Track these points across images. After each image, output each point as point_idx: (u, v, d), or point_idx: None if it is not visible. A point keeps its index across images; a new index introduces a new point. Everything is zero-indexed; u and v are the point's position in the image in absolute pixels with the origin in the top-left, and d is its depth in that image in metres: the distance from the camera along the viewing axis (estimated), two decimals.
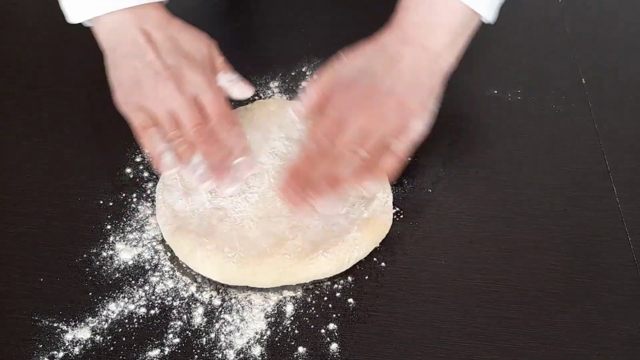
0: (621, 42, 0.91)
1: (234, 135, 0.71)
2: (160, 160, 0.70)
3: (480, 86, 0.84)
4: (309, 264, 0.65)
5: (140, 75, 0.71)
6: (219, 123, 0.71)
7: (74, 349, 0.61)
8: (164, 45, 0.73)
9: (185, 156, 0.69)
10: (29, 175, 0.75)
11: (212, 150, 0.70)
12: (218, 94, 0.72)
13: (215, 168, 0.70)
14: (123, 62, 0.73)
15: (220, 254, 0.66)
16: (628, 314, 0.64)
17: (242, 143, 0.72)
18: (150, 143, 0.70)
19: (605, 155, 0.76)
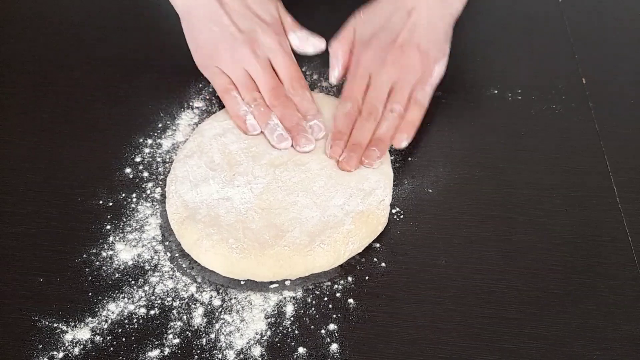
0: (621, 42, 0.91)
1: (306, 99, 0.75)
2: (245, 122, 0.74)
3: (480, 86, 0.84)
4: (306, 255, 0.66)
5: (217, 39, 0.76)
6: (292, 86, 0.75)
7: (74, 350, 0.61)
8: (236, 8, 0.77)
9: (263, 118, 0.74)
10: (29, 175, 0.75)
11: (288, 113, 0.74)
12: (290, 56, 0.77)
13: (291, 129, 0.73)
14: (199, 25, 0.77)
15: (225, 244, 0.66)
16: (628, 314, 0.64)
17: (314, 107, 0.75)
18: (234, 105, 0.75)
19: (605, 155, 0.76)
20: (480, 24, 0.93)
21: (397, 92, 0.74)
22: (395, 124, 0.73)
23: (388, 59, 0.74)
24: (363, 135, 0.73)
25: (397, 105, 0.74)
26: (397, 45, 0.75)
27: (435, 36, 0.76)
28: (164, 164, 0.75)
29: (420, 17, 0.76)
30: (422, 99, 0.74)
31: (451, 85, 0.84)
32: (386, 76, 0.74)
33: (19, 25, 0.94)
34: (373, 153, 0.71)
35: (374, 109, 0.74)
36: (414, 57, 0.75)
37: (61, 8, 0.96)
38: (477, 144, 0.78)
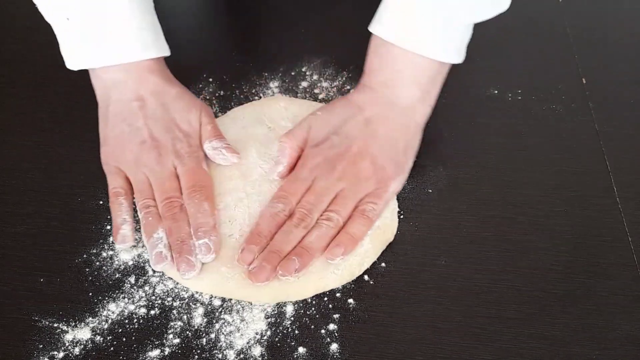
0: (621, 42, 0.91)
1: (201, 212, 0.67)
2: (118, 231, 0.68)
3: (481, 86, 0.84)
4: (317, 282, 0.65)
5: (126, 139, 0.71)
6: (190, 195, 0.68)
7: (74, 349, 0.61)
8: (155, 113, 0.72)
9: (149, 230, 0.67)
10: (29, 175, 0.75)
11: (176, 227, 0.66)
12: (197, 165, 0.71)
13: (175, 248, 0.65)
14: (113, 120, 0.72)
15: (217, 275, 0.65)
16: (628, 314, 0.64)
17: (209, 221, 0.67)
18: (115, 212, 0.69)
19: (605, 155, 0.76)
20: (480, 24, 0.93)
21: (339, 202, 0.67)
22: (329, 235, 0.66)
23: (337, 168, 0.68)
24: (286, 242, 0.65)
25: (335, 215, 0.66)
26: (350, 156, 0.69)
27: (393, 149, 0.70)
28: None
29: (377, 127, 0.70)
30: (371, 213, 0.67)
31: (451, 85, 0.83)
32: (331, 184, 0.67)
33: (19, 25, 0.94)
34: (291, 263, 0.63)
35: (306, 216, 0.66)
36: (366, 170, 0.68)
37: None
38: (477, 144, 0.78)
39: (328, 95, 0.82)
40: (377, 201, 0.68)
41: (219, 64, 0.86)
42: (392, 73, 0.71)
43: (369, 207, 0.67)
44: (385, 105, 0.71)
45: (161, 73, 0.74)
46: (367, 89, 0.72)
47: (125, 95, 0.72)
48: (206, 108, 0.75)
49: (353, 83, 0.84)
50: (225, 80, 0.84)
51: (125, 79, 0.72)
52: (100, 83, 0.74)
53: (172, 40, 0.76)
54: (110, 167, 0.72)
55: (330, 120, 0.72)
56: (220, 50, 0.83)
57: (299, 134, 0.71)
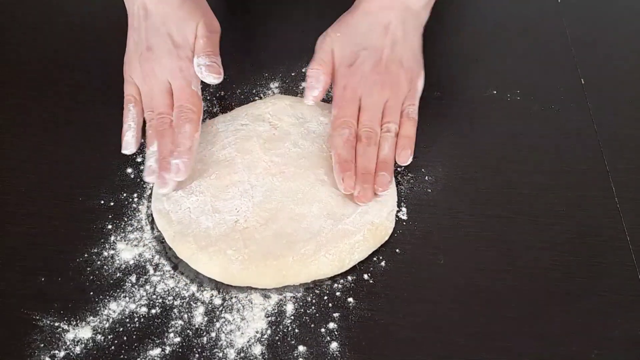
0: (620, 43, 0.91)
1: (182, 133, 0.70)
2: (123, 137, 0.73)
3: (480, 86, 0.84)
4: (309, 264, 0.66)
5: (133, 50, 0.75)
6: (177, 113, 0.71)
7: (75, 348, 0.62)
8: (154, 23, 0.74)
9: (149, 140, 0.72)
10: (30, 175, 0.75)
11: (162, 143, 0.71)
12: (185, 81, 0.73)
13: (159, 163, 0.70)
14: (130, 32, 0.77)
15: (223, 256, 0.66)
16: (627, 313, 0.64)
17: (186, 142, 0.70)
18: (125, 117, 0.73)
19: (604, 155, 0.76)
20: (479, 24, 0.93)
21: (391, 111, 0.73)
22: (394, 144, 0.73)
23: (377, 80, 0.73)
24: (369, 161, 0.71)
25: (393, 125, 0.73)
26: (382, 66, 0.74)
27: (414, 50, 0.76)
28: None
29: (397, 32, 0.75)
30: (413, 114, 0.74)
31: (451, 86, 0.84)
32: (377, 97, 0.73)
33: (19, 25, 0.94)
34: (384, 179, 0.70)
35: (372, 133, 0.72)
36: (399, 75, 0.74)
37: (62, 9, 0.96)
38: (476, 144, 0.78)
39: (328, 96, 0.82)
40: (414, 102, 0.74)
41: None
42: None
43: (411, 109, 0.74)
44: (399, 10, 0.75)
45: None
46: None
47: (135, 5, 0.75)
48: (208, 20, 0.76)
49: None
50: (225, 81, 0.84)
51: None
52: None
53: None
54: (125, 75, 0.76)
55: (352, 37, 0.75)
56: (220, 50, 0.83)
57: (327, 58, 0.75)
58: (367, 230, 0.68)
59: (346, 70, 0.74)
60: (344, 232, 0.67)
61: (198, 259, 0.66)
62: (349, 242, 0.67)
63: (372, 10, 0.75)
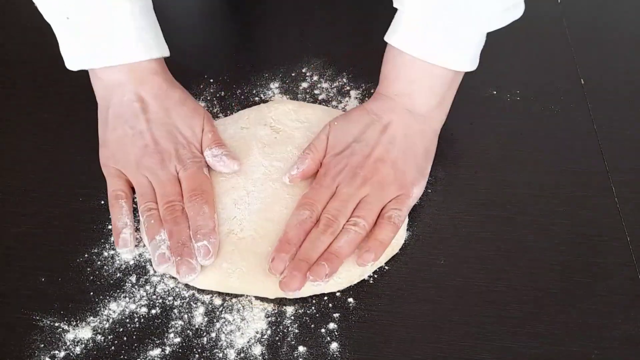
0: (620, 42, 0.91)
1: (201, 214, 0.67)
2: (119, 234, 0.68)
3: (480, 86, 0.84)
4: (315, 286, 0.65)
5: (129, 142, 0.71)
6: (191, 199, 0.68)
7: (75, 349, 0.62)
8: (158, 116, 0.72)
9: (151, 232, 0.67)
10: (31, 175, 0.75)
11: (177, 230, 0.67)
12: (198, 170, 0.71)
13: (175, 251, 0.65)
14: (114, 123, 0.72)
15: (219, 270, 0.65)
16: (626, 313, 0.64)
17: (209, 224, 0.67)
18: (116, 214, 0.69)
19: (604, 155, 0.76)
20: None
21: (364, 207, 0.67)
22: (356, 240, 0.66)
23: (360, 174, 0.68)
24: (314, 248, 0.65)
25: (362, 221, 0.66)
26: (371, 162, 0.69)
27: (413, 155, 0.71)
28: None
29: (396, 134, 0.71)
30: (397, 220, 0.67)
31: None
32: (355, 190, 0.68)
33: (19, 25, 0.94)
34: (321, 269, 0.63)
35: (333, 222, 0.66)
36: (389, 175, 0.69)
37: None
38: (476, 144, 0.78)
39: (328, 96, 0.83)
40: (401, 207, 0.68)
41: (219, 65, 0.86)
42: (408, 82, 0.71)
43: (395, 214, 0.67)
44: (403, 113, 0.72)
45: (163, 75, 0.74)
46: (383, 97, 0.73)
47: (127, 96, 0.72)
48: (207, 115, 0.76)
49: (352, 84, 0.84)
50: (225, 81, 0.84)
51: (127, 80, 0.72)
52: (100, 84, 0.74)
53: (173, 42, 0.76)
54: (110, 169, 0.72)
55: (349, 129, 0.72)
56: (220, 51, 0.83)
57: (320, 146, 0.72)
58: None
59: (333, 158, 0.71)
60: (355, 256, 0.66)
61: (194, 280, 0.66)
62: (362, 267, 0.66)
63: (373, 110, 0.73)
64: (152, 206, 0.69)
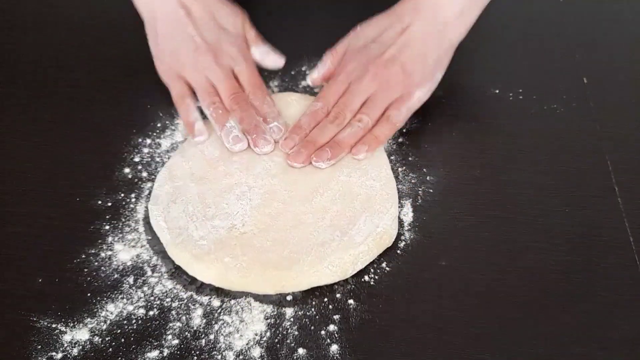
0: (622, 42, 0.91)
1: (266, 103, 0.75)
2: (194, 127, 0.74)
3: (481, 86, 0.84)
4: (312, 275, 0.65)
5: (181, 47, 0.77)
6: (253, 92, 0.76)
7: (73, 350, 0.61)
8: (202, 19, 0.78)
9: (221, 120, 0.74)
10: (28, 175, 0.75)
11: (248, 115, 0.74)
12: (252, 65, 0.78)
13: (249, 131, 0.73)
14: (164, 31, 0.78)
15: (220, 264, 0.65)
16: (628, 313, 0.64)
17: (274, 110, 0.75)
18: (186, 111, 0.75)
19: (606, 155, 0.76)
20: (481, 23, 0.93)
21: (370, 104, 0.73)
22: (358, 134, 0.72)
23: (370, 71, 0.74)
24: (321, 135, 0.72)
25: (366, 116, 0.73)
26: (382, 60, 0.74)
27: (423, 59, 0.75)
28: (163, 164, 0.75)
29: (413, 36, 0.75)
30: (395, 118, 0.73)
31: (451, 85, 0.83)
32: (364, 87, 0.74)
33: (19, 25, 0.94)
34: (324, 153, 0.71)
35: (340, 114, 0.73)
36: (396, 75, 0.74)
37: (61, 8, 0.96)
38: (477, 144, 0.78)
39: None
40: (401, 107, 0.74)
41: None
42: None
43: (394, 113, 0.73)
44: (424, 17, 0.75)
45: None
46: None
47: (170, 6, 0.78)
48: (246, 14, 0.81)
49: None
50: None
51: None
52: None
53: None
54: (170, 74, 0.78)
55: (369, 32, 0.77)
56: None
57: (340, 49, 0.78)
58: (371, 240, 0.67)
59: (350, 55, 0.76)
60: (349, 244, 0.66)
61: (194, 268, 0.66)
62: (353, 252, 0.66)
63: (397, 12, 0.77)
64: (216, 99, 0.75)
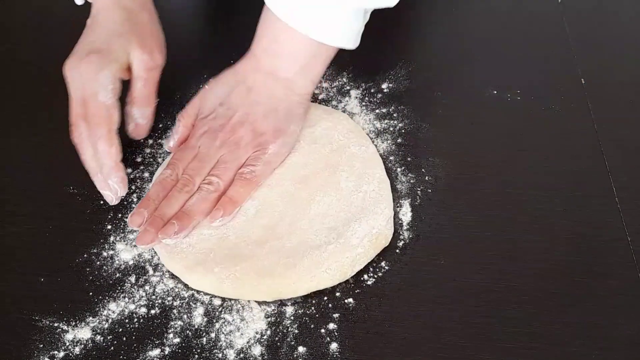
0: (621, 42, 0.91)
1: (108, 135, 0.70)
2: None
3: (480, 86, 0.84)
4: (309, 281, 0.65)
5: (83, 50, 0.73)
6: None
7: (75, 349, 0.62)
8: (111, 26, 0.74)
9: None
10: (29, 175, 0.75)
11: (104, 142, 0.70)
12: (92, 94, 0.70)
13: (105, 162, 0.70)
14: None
15: (212, 275, 0.65)
16: (628, 314, 0.64)
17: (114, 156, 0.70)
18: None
19: (604, 155, 0.76)
20: (480, 24, 0.93)
21: (220, 166, 0.71)
22: (209, 198, 0.69)
23: (219, 137, 0.72)
24: (170, 207, 0.68)
25: (215, 178, 0.70)
26: (230, 125, 0.73)
27: (273, 116, 0.73)
28: None
29: (259, 96, 0.74)
30: (249, 175, 0.70)
31: (451, 86, 0.84)
32: (213, 152, 0.71)
33: (19, 25, 0.94)
34: (171, 228, 0.66)
35: (189, 181, 0.70)
36: (245, 137, 0.72)
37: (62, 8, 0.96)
38: (477, 144, 0.78)
39: (328, 96, 0.82)
40: (256, 163, 0.71)
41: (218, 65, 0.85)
42: (273, 43, 0.74)
43: (247, 170, 0.71)
44: (266, 74, 0.74)
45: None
46: (251, 56, 0.76)
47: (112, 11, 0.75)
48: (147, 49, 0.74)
49: (352, 83, 0.84)
50: None
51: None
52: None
53: (172, 41, 0.76)
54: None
55: (217, 92, 0.75)
56: (220, 50, 0.83)
57: (191, 111, 0.75)
58: (367, 241, 0.67)
59: (199, 121, 0.74)
60: (345, 247, 0.66)
61: (186, 278, 0.66)
62: (350, 255, 0.66)
63: (240, 72, 0.76)
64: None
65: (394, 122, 0.80)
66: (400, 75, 0.85)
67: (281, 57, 0.74)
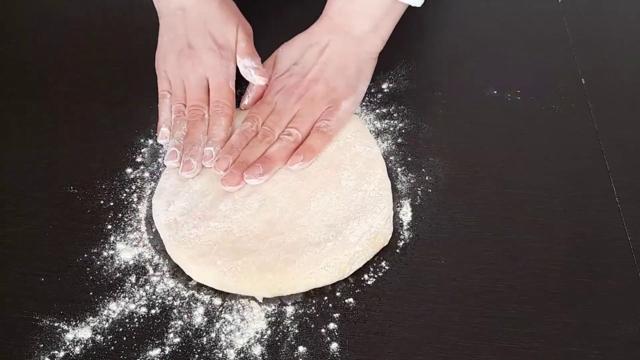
0: (621, 42, 0.91)
1: (217, 125, 0.75)
2: (160, 128, 0.76)
3: (480, 86, 0.84)
4: (308, 277, 0.65)
5: (170, 47, 0.80)
6: (214, 108, 0.76)
7: (75, 349, 0.62)
8: (194, 24, 0.80)
9: (174, 129, 0.75)
10: (30, 175, 0.75)
11: (192, 132, 0.74)
12: (226, 80, 0.78)
13: (185, 149, 0.73)
14: (163, 30, 0.82)
15: (214, 267, 0.65)
16: (628, 314, 0.64)
17: (221, 134, 0.74)
18: (161, 111, 0.78)
19: (605, 155, 0.76)
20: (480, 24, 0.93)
21: (298, 119, 0.75)
22: (289, 147, 0.73)
23: (295, 93, 0.77)
24: (252, 154, 0.73)
25: (294, 130, 0.74)
26: (306, 81, 0.77)
27: (345, 73, 0.78)
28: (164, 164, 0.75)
29: (331, 54, 0.79)
30: (325, 128, 0.75)
31: (451, 86, 0.84)
32: (289, 107, 0.76)
33: (19, 25, 0.94)
34: (255, 169, 0.71)
35: (269, 132, 0.74)
36: (320, 92, 0.76)
37: (62, 8, 0.96)
38: (477, 144, 0.78)
39: None
40: (330, 118, 0.75)
41: None
42: (348, 4, 0.80)
43: (323, 124, 0.75)
44: (339, 34, 0.80)
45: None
46: (325, 18, 0.81)
47: (172, 5, 0.81)
48: (244, 24, 0.82)
49: None
50: None
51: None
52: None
53: None
54: (159, 71, 0.80)
55: (291, 53, 0.81)
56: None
57: (266, 72, 0.80)
58: (366, 240, 0.67)
59: (275, 80, 0.79)
60: (344, 244, 0.66)
61: (190, 269, 0.66)
62: (349, 253, 0.66)
63: (315, 32, 0.81)
64: (181, 108, 0.77)
65: (394, 122, 0.80)
66: (400, 75, 0.85)
67: (356, 16, 0.79)
